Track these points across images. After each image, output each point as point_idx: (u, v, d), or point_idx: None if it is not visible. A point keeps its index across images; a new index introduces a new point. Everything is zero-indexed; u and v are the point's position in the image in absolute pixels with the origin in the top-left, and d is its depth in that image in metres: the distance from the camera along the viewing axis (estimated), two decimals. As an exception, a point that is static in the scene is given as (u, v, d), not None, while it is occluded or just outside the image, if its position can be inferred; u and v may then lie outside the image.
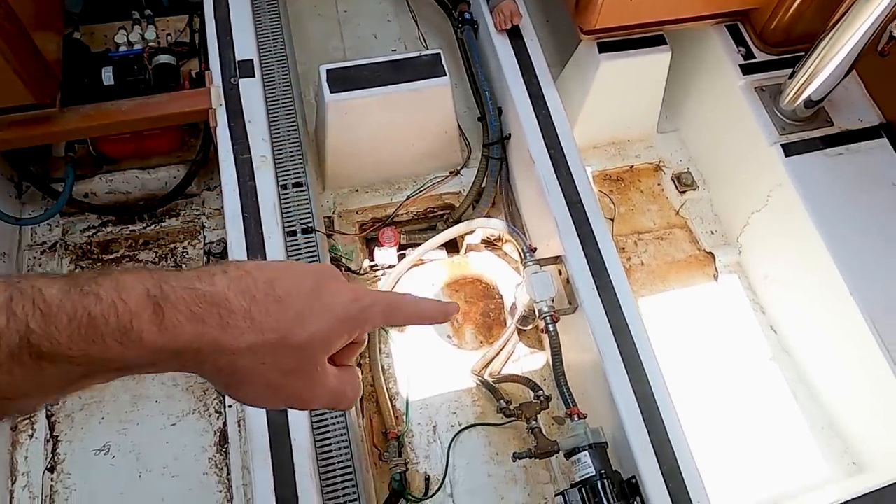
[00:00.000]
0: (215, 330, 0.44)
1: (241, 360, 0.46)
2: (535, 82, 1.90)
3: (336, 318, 0.50)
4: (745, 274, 2.07)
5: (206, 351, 0.45)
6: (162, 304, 0.43)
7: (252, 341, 0.46)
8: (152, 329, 0.42)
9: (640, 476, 1.40)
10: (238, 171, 1.68)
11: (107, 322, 0.41)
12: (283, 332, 0.47)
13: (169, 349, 0.43)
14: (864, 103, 1.92)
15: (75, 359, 0.40)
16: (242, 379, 0.47)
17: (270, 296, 0.47)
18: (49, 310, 0.39)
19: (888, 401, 1.61)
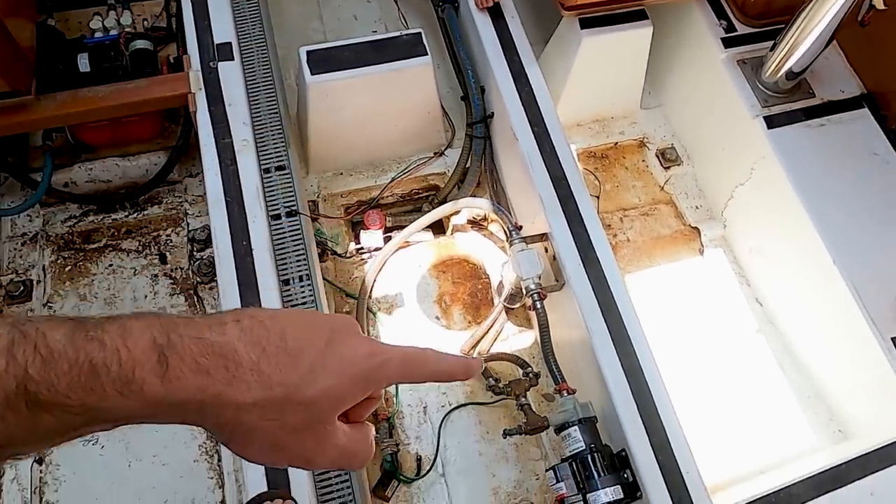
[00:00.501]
0: (220, 384, 0.42)
1: (246, 416, 0.44)
2: (516, 60, 1.89)
3: (349, 375, 0.47)
4: (730, 247, 2.08)
5: (210, 405, 0.43)
6: (167, 353, 0.41)
7: (259, 396, 0.44)
8: (154, 380, 0.40)
9: (629, 449, 1.41)
10: (219, 155, 1.66)
11: (108, 370, 0.39)
12: (292, 388, 0.45)
13: (170, 401, 0.41)
14: (845, 74, 1.93)
15: (73, 408, 0.39)
16: (246, 436, 0.45)
17: (282, 348, 0.45)
18: (50, 355, 0.38)
19: (872, 369, 1.63)
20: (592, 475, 1.39)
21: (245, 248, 1.55)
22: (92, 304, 1.84)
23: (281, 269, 1.57)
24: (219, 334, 0.43)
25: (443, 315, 1.89)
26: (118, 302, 1.85)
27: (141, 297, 1.86)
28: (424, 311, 1.88)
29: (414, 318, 1.86)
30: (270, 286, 1.51)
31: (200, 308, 1.85)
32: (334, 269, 1.91)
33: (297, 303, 1.54)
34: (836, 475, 1.43)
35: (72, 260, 1.90)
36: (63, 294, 1.85)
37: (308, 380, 0.45)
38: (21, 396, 0.37)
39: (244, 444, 0.46)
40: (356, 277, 1.90)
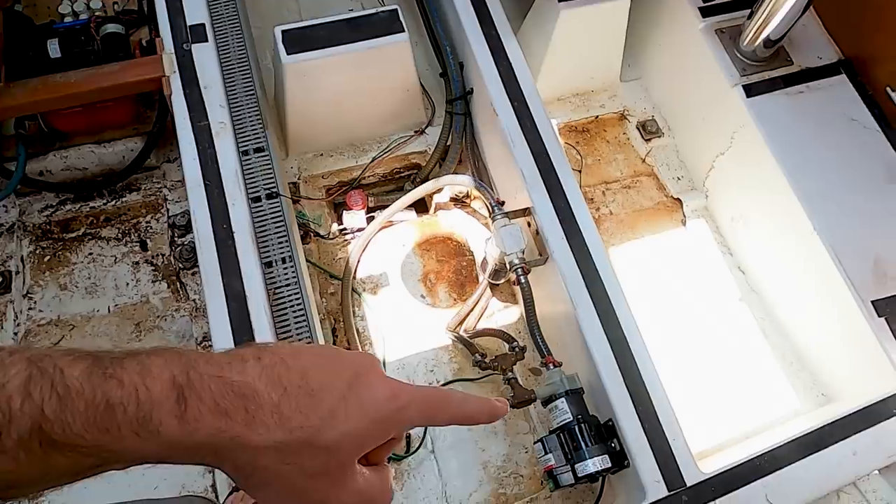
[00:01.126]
0: (239, 426, 0.41)
1: (264, 460, 0.43)
2: (495, 35, 1.87)
3: (371, 420, 0.46)
4: (712, 217, 2.09)
5: (227, 448, 0.41)
6: (187, 393, 0.40)
7: (278, 439, 0.42)
8: (172, 421, 0.39)
9: (616, 418, 1.43)
10: (196, 138, 1.64)
11: (125, 410, 0.38)
12: (313, 431, 0.43)
13: (187, 444, 0.40)
14: (823, 41, 1.93)
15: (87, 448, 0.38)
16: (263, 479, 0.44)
17: (303, 389, 0.44)
18: (67, 394, 0.37)
19: (853, 333, 1.65)
20: (580, 445, 1.41)
21: (226, 232, 1.53)
22: (73, 294, 1.82)
23: (263, 251, 1.56)
24: (239, 372, 0.42)
25: (428, 293, 1.89)
26: (99, 291, 1.83)
27: (123, 285, 1.84)
28: (409, 289, 1.88)
29: (399, 298, 1.86)
30: (253, 269, 1.49)
31: (184, 294, 1.84)
32: (318, 250, 1.90)
33: (280, 285, 1.53)
34: (819, 437, 1.45)
35: (50, 250, 1.87)
36: (43, 284, 1.83)
37: (329, 424, 0.44)
38: (35, 436, 0.36)
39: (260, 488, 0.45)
40: (340, 258, 1.89)
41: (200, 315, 1.80)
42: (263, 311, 1.45)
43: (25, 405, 0.36)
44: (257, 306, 1.46)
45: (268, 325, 1.44)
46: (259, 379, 0.43)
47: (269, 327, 1.44)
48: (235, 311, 1.45)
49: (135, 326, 1.79)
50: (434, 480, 1.63)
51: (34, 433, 0.36)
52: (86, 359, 0.39)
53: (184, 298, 1.84)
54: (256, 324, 1.44)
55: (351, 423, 0.45)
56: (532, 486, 1.64)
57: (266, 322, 1.44)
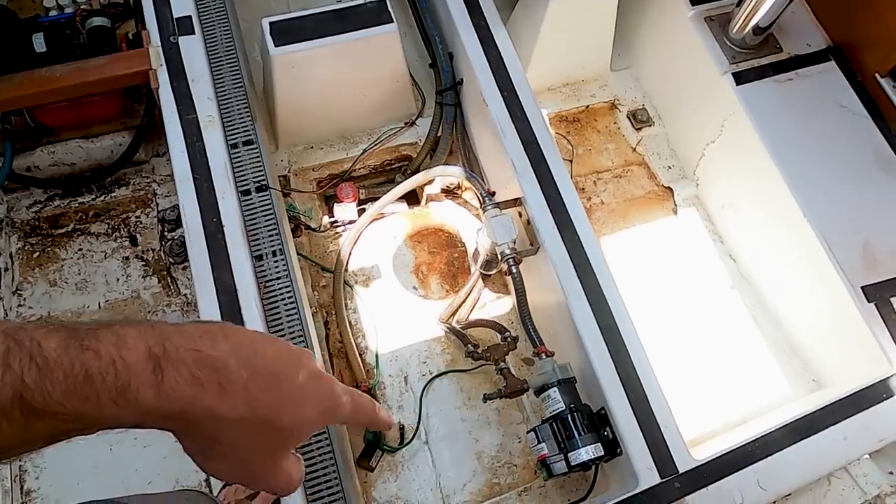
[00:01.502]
0: (212, 397, 0.43)
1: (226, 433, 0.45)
2: (484, 25, 1.86)
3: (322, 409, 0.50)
4: (703, 206, 2.09)
5: (198, 417, 0.43)
6: (163, 364, 0.42)
7: (244, 414, 0.45)
8: (149, 390, 0.41)
9: (608, 407, 1.43)
10: (185, 132, 1.63)
11: (104, 380, 0.39)
12: (274, 412, 0.47)
13: (163, 412, 0.42)
14: (811, 27, 1.93)
15: (66, 415, 0.39)
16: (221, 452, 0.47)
17: (268, 371, 0.47)
18: (46, 364, 0.38)
19: (843, 318, 1.66)
20: (573, 434, 1.41)
21: (216, 226, 1.53)
22: (63, 290, 1.81)
23: (253, 245, 1.55)
24: (211, 347, 0.44)
25: (420, 285, 1.89)
26: (90, 286, 1.82)
27: (113, 281, 1.83)
28: (402, 281, 1.88)
29: (391, 290, 1.86)
30: (243, 263, 1.49)
31: (175, 289, 1.83)
32: (309, 243, 1.89)
33: (271, 278, 1.53)
34: (809, 422, 1.46)
35: (39, 246, 1.86)
36: (32, 281, 1.82)
37: (288, 408, 0.47)
38: (16, 404, 0.37)
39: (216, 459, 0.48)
40: (331, 251, 1.89)
41: (192, 310, 1.79)
42: (254, 305, 1.45)
43: (7, 376, 0.37)
44: (248, 300, 1.45)
45: (259, 318, 1.44)
46: (230, 356, 0.45)
47: (261, 321, 1.44)
48: (226, 304, 1.45)
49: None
50: (428, 471, 1.63)
51: (16, 402, 0.37)
52: (60, 331, 0.40)
53: (175, 293, 1.83)
54: (247, 317, 1.43)
55: (306, 411, 0.49)
56: (526, 476, 1.64)
57: (257, 315, 1.44)
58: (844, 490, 1.62)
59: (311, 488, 1.36)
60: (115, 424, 0.42)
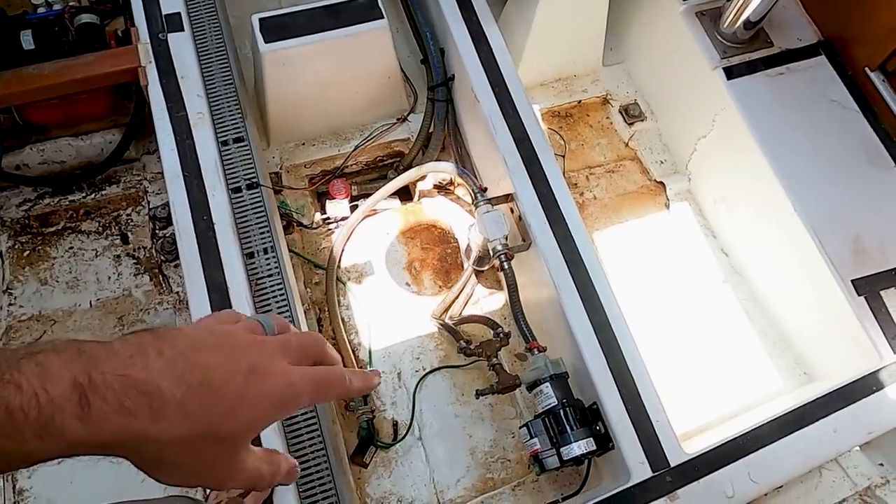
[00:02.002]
0: (144, 422, 0.42)
1: (168, 452, 0.45)
2: (475, 20, 1.86)
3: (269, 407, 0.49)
4: (695, 200, 2.10)
5: (132, 443, 0.43)
6: (89, 394, 0.40)
7: (183, 433, 0.44)
8: (75, 423, 0.39)
9: (600, 402, 1.44)
10: (174, 129, 1.62)
11: (26, 417, 0.38)
12: (215, 424, 0.45)
13: (92, 443, 0.41)
14: (802, 22, 1.93)
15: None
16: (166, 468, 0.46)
17: (205, 385, 0.45)
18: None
19: (834, 312, 1.67)
20: (565, 429, 1.41)
21: (206, 223, 1.52)
22: (53, 289, 1.80)
23: (244, 242, 1.54)
24: (142, 369, 0.43)
25: (413, 281, 1.89)
26: (81, 285, 1.81)
27: (104, 279, 1.83)
28: (394, 278, 1.88)
29: (384, 286, 1.86)
30: (234, 260, 1.48)
31: (167, 287, 1.83)
32: (301, 240, 1.89)
33: (262, 276, 1.53)
34: (800, 415, 1.47)
35: (30, 244, 1.85)
36: (23, 279, 1.81)
37: (228, 416, 0.46)
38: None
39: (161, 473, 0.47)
40: (324, 248, 1.88)
41: (184, 308, 1.79)
42: (246, 303, 1.45)
43: None
44: (239, 298, 1.45)
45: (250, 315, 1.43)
46: (162, 375, 0.43)
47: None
48: (217, 302, 1.44)
49: (118, 320, 1.77)
50: (422, 467, 1.63)
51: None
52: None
53: (167, 291, 1.82)
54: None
55: (249, 414, 0.48)
56: (519, 471, 1.65)
57: (249, 313, 1.44)
58: (835, 482, 1.63)
59: (304, 485, 1.36)
60: (41, 458, 0.41)
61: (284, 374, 0.51)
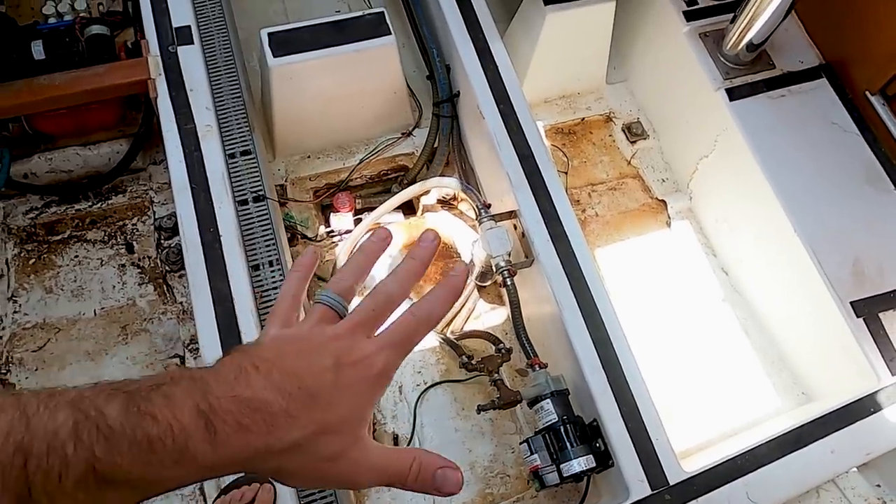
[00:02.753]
0: (262, 437, 0.45)
1: (287, 459, 0.47)
2: (481, 38, 1.88)
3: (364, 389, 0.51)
4: (696, 219, 2.11)
5: (255, 458, 0.45)
6: (212, 419, 0.44)
7: (297, 437, 0.46)
8: (206, 447, 0.43)
9: (600, 419, 1.45)
10: (183, 141, 1.64)
11: (164, 445, 0.41)
12: (319, 423, 0.48)
13: (221, 464, 0.44)
14: (804, 45, 1.96)
15: (134, 482, 0.41)
16: (289, 473, 0.48)
17: (303, 389, 0.48)
18: (112, 434, 0.40)
19: (832, 333, 1.68)
20: (565, 446, 1.42)
21: (213, 235, 1.54)
22: (59, 297, 1.81)
23: (250, 254, 1.56)
24: (246, 387, 0.46)
25: (416, 295, 1.89)
26: (85, 293, 1.82)
27: (109, 288, 1.84)
28: (397, 291, 1.89)
29: (386, 300, 1.87)
30: (240, 272, 1.50)
31: (171, 297, 1.84)
32: (305, 253, 1.90)
33: (267, 288, 1.54)
34: (798, 436, 1.48)
35: (36, 252, 1.87)
36: (28, 287, 1.82)
37: (331, 409, 0.49)
38: (90, 475, 0.39)
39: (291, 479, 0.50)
40: (328, 261, 1.90)
41: (188, 317, 1.80)
42: (250, 315, 1.46)
43: (79, 449, 0.39)
44: (244, 310, 1.46)
45: (255, 328, 1.45)
46: (265, 390, 0.47)
47: (256, 331, 1.45)
48: (222, 314, 1.46)
49: (121, 329, 1.78)
50: (421, 481, 1.64)
51: (89, 473, 0.39)
52: (118, 396, 0.43)
53: (171, 301, 1.83)
54: (244, 327, 1.45)
55: (349, 403, 0.49)
56: (518, 486, 1.65)
57: (253, 326, 1.45)
58: (833, 502, 1.64)
59: (304, 497, 1.36)
60: (180, 483, 0.44)
61: (367, 356, 0.52)
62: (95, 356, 1.75)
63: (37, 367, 1.73)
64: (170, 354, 1.77)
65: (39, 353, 1.74)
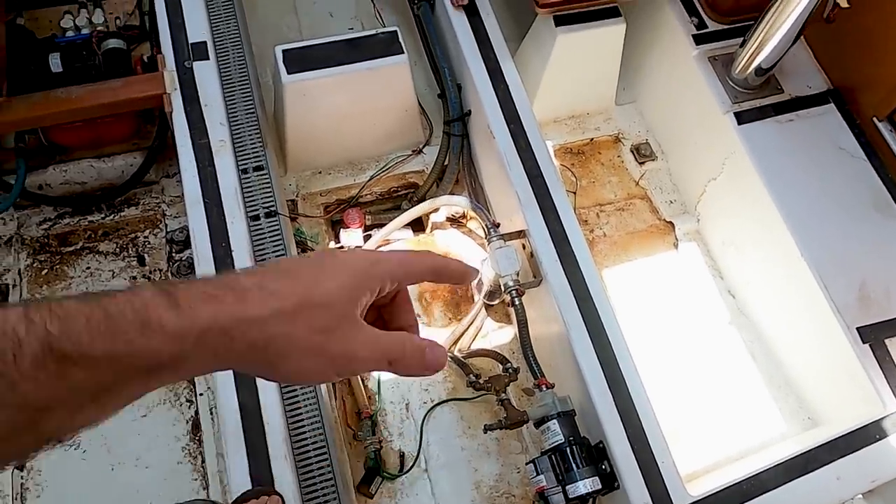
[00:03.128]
0: (233, 305, 0.44)
1: (272, 328, 0.45)
2: (492, 58, 1.90)
3: (351, 272, 0.49)
4: (703, 241, 2.12)
5: (232, 327, 0.44)
6: (174, 293, 0.43)
7: (274, 307, 0.45)
8: (170, 315, 0.42)
9: (606, 441, 1.45)
10: (196, 156, 1.66)
11: (124, 316, 0.41)
12: (302, 295, 0.46)
13: (192, 333, 0.43)
14: (812, 70, 1.98)
15: (100, 359, 0.40)
16: (281, 349, 0.46)
17: (278, 272, 0.48)
18: (67, 314, 0.39)
19: (839, 358, 1.69)
20: (571, 467, 1.43)
21: (224, 250, 1.55)
22: (70, 308, 1.82)
23: (261, 270, 1.57)
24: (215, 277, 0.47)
25: (423, 312, 1.91)
26: (96, 304, 1.83)
27: (119, 300, 1.85)
28: (405, 308, 1.90)
29: (394, 316, 1.88)
30: (251, 288, 1.51)
31: (180, 309, 1.85)
32: (314, 267, 1.91)
33: (278, 304, 1.55)
34: (803, 462, 1.48)
35: (48, 263, 1.88)
36: (40, 298, 1.83)
37: (313, 285, 0.47)
38: (47, 354, 0.38)
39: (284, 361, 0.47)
40: (336, 276, 1.90)
41: (197, 330, 1.81)
42: (261, 330, 1.47)
43: (30, 329, 0.38)
44: (255, 325, 1.47)
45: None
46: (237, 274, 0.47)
47: (267, 346, 1.46)
48: (233, 329, 1.46)
49: (131, 341, 1.79)
50: (427, 499, 1.64)
51: (45, 351, 0.38)
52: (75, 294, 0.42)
53: (180, 313, 1.84)
54: (254, 343, 1.46)
55: (335, 279, 0.48)
56: (523, 506, 1.66)
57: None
58: (838, 529, 1.64)
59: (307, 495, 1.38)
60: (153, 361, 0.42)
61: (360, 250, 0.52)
62: (105, 367, 1.76)
63: (46, 377, 1.73)
64: (178, 367, 1.77)
65: (49, 364, 1.75)
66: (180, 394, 1.76)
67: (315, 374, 0.49)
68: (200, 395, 1.75)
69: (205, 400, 1.74)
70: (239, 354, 0.45)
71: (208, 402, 1.73)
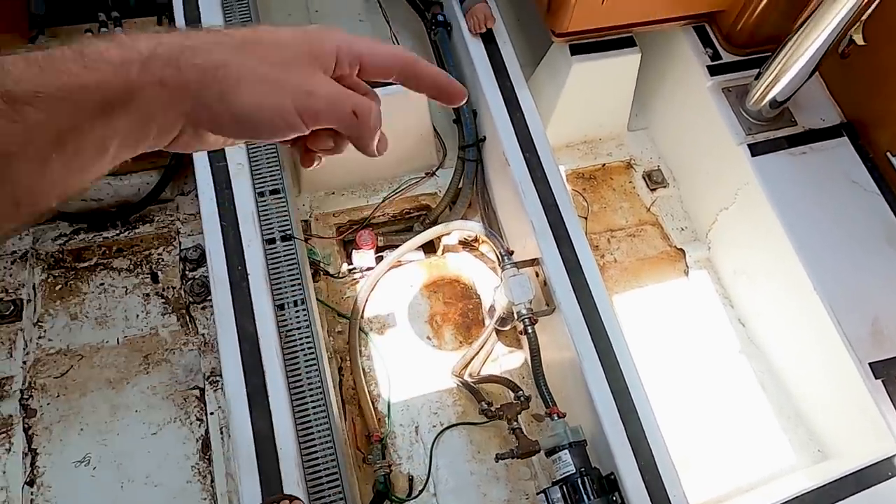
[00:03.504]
0: (177, 37, 0.44)
1: (219, 54, 0.44)
2: (508, 85, 1.92)
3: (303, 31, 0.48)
4: (714, 269, 2.13)
5: (177, 54, 0.43)
6: (115, 37, 0.43)
7: (221, 39, 0.45)
8: (108, 46, 0.42)
9: (618, 472, 1.45)
10: (214, 178, 1.67)
11: (63, 54, 0.40)
12: (250, 36, 0.46)
13: (136, 61, 0.42)
14: (826, 103, 1.99)
15: (50, 96, 0.39)
16: (233, 73, 0.44)
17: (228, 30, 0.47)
18: (4, 62, 0.39)
19: (850, 392, 1.68)
20: (582, 498, 1.43)
21: (240, 274, 1.56)
22: (83, 324, 1.83)
23: (276, 293, 1.58)
24: None
25: (434, 335, 1.92)
26: (109, 321, 1.85)
27: (133, 317, 1.86)
28: (416, 330, 1.91)
29: (405, 338, 1.89)
30: (266, 311, 1.52)
31: (193, 328, 1.86)
32: (326, 289, 1.92)
33: (292, 328, 1.56)
34: (815, 498, 1.48)
35: (62, 279, 1.90)
36: (54, 313, 1.84)
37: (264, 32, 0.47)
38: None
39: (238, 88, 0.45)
40: (348, 297, 1.92)
41: (209, 350, 1.82)
42: (275, 354, 1.48)
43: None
44: (269, 349, 1.48)
45: (279, 367, 1.47)
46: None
47: (280, 369, 1.47)
48: (247, 352, 1.47)
49: (143, 358, 1.80)
50: (435, 525, 1.64)
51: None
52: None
53: (193, 332, 1.86)
54: (268, 365, 1.46)
55: (286, 32, 0.48)
56: (532, 534, 1.65)
57: (277, 364, 1.47)
58: (847, 565, 1.63)
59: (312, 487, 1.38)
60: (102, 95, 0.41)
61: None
62: (116, 384, 1.77)
63: (58, 393, 1.75)
64: (189, 386, 1.78)
65: (62, 380, 1.76)
66: (190, 412, 1.76)
67: (269, 107, 0.46)
68: (211, 415, 1.75)
69: (215, 419, 1.75)
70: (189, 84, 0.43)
71: (218, 422, 1.74)
